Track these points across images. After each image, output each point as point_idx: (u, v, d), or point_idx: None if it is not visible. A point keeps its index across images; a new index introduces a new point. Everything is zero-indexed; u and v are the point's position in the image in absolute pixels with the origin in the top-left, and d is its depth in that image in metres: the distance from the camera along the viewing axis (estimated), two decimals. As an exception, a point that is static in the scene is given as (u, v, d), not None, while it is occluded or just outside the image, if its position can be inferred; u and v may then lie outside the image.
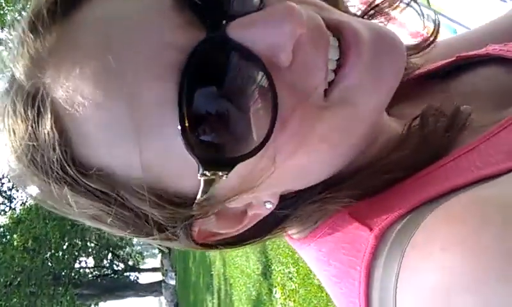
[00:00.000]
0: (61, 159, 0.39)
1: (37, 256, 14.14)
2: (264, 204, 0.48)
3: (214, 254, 9.63)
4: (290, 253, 4.88)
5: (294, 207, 0.50)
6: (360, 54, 0.41)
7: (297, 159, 0.43)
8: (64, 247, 15.70)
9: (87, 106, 0.37)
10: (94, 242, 17.36)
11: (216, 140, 0.39)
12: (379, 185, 0.47)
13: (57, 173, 0.40)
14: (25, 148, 0.40)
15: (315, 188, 0.48)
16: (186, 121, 0.37)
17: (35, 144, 0.39)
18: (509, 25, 0.72)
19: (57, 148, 0.39)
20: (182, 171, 0.40)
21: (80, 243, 16.51)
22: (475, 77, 0.60)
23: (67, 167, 0.39)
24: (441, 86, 0.61)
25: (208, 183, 0.41)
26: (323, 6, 0.45)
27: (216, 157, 0.39)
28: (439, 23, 0.58)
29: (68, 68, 0.38)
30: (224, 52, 0.38)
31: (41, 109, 0.39)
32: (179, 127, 0.37)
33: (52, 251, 15.02)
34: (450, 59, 0.62)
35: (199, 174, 0.39)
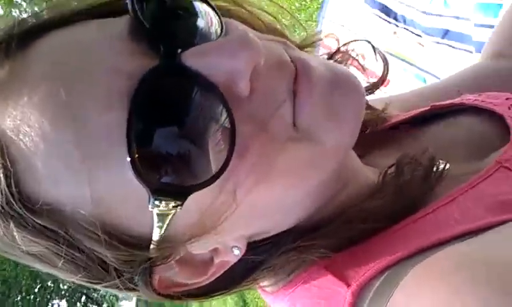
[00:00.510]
0: (6, 192, 0.37)
1: (7, 299, 13.70)
2: (231, 249, 0.45)
3: (190, 297, 9.46)
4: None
5: (265, 255, 0.47)
6: (312, 87, 0.40)
7: (259, 195, 0.40)
8: (36, 290, 15.26)
9: (33, 136, 0.36)
10: (67, 284, 16.90)
11: (168, 168, 0.37)
12: (355, 236, 0.45)
13: (2, 207, 0.37)
14: None
15: (286, 235, 0.46)
16: (135, 150, 0.35)
17: None
18: (478, 74, 0.74)
19: (1, 179, 0.37)
20: (134, 204, 0.37)
21: (52, 285, 16.08)
22: (450, 126, 0.59)
23: (12, 201, 0.37)
24: (415, 134, 0.60)
25: (162, 216, 0.38)
26: (288, 44, 0.44)
27: (168, 184, 0.37)
28: (387, 61, 0.57)
29: (16, 98, 0.37)
30: (177, 79, 0.36)
31: None
32: (128, 157, 0.34)
33: (23, 294, 14.57)
34: (424, 108, 0.61)
35: (150, 205, 0.36)
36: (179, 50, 0.37)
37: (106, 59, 0.36)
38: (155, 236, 0.39)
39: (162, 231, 0.39)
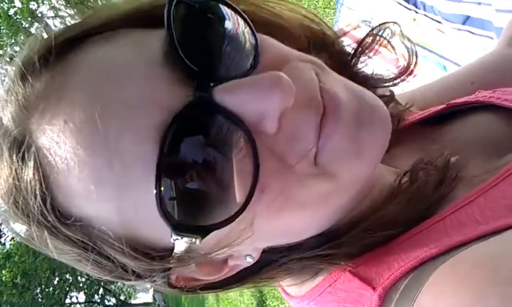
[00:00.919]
0: (41, 206, 0.39)
1: (26, 291, 13.89)
2: (245, 257, 0.47)
3: (207, 289, 9.48)
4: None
5: (280, 259, 0.48)
6: (337, 124, 0.40)
7: (276, 223, 0.42)
8: (55, 282, 15.46)
9: (68, 159, 0.37)
10: (85, 276, 17.07)
11: (191, 207, 0.38)
12: (375, 242, 0.46)
13: (38, 219, 0.40)
14: (9, 191, 0.40)
15: (303, 244, 0.47)
16: (162, 186, 0.36)
17: (18, 188, 0.40)
18: (496, 63, 0.73)
19: (38, 195, 0.39)
20: (158, 230, 0.39)
21: (71, 278, 16.27)
22: (466, 125, 0.59)
23: (46, 214, 0.39)
24: (432, 133, 0.60)
25: (182, 245, 0.40)
26: (319, 64, 0.44)
27: (189, 224, 0.38)
28: (415, 53, 0.57)
29: (53, 118, 0.38)
30: (208, 115, 0.37)
31: (25, 156, 0.39)
32: (154, 191, 0.36)
33: (42, 287, 14.77)
34: (441, 107, 0.61)
35: (172, 239, 0.39)
36: (212, 84, 0.37)
37: (142, 88, 0.37)
38: (176, 253, 0.41)
39: (182, 252, 0.41)
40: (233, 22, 0.41)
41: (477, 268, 0.33)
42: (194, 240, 0.39)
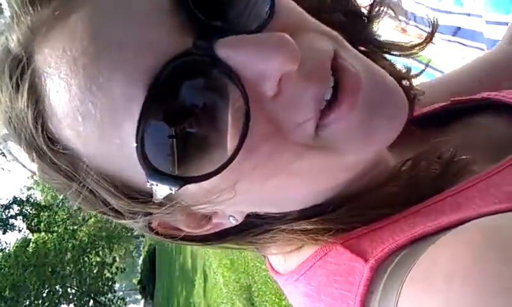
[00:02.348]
0: (31, 128, 0.40)
1: (15, 305, 13.75)
2: (228, 217, 0.46)
3: (198, 301, 9.47)
4: (277, 300, 4.78)
5: (264, 225, 0.48)
6: (354, 104, 0.39)
7: (262, 189, 0.41)
8: (44, 294, 15.31)
9: (61, 86, 0.38)
10: (75, 288, 16.95)
11: (170, 156, 0.37)
12: (367, 219, 0.44)
13: (27, 139, 0.41)
14: (5, 109, 0.41)
15: (287, 214, 0.46)
16: (144, 129, 0.36)
17: (13, 107, 0.41)
18: (504, 61, 0.72)
19: (29, 115, 0.40)
20: (138, 173, 0.38)
21: (60, 290, 16.12)
22: (471, 126, 0.58)
23: (35, 136, 0.41)
24: (436, 132, 0.59)
25: (160, 191, 0.40)
26: (339, 40, 0.42)
27: (166, 172, 0.38)
28: (436, 23, 0.57)
29: (54, 43, 0.38)
30: (205, 67, 0.36)
31: (23, 76, 0.40)
32: (135, 133, 0.36)
33: (32, 299, 14.62)
34: (444, 103, 0.61)
35: (148, 184, 0.39)
36: (215, 35, 0.36)
37: (142, 31, 0.37)
38: (156, 199, 0.41)
39: (162, 198, 0.41)
40: None
41: (485, 241, 0.32)
42: (170, 189, 0.38)
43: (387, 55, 0.55)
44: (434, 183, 0.45)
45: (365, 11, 0.54)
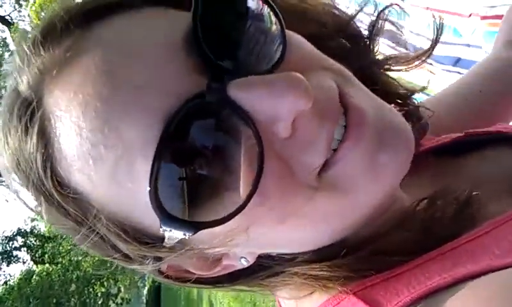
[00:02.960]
0: (40, 171, 0.40)
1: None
2: (240, 259, 0.45)
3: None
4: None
5: (273, 269, 0.47)
6: (359, 140, 0.39)
7: (275, 231, 0.40)
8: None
9: (71, 130, 0.38)
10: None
11: (185, 201, 0.37)
12: (380, 266, 0.43)
13: (36, 183, 0.41)
14: (14, 151, 0.41)
15: (300, 256, 0.45)
16: (158, 174, 0.36)
17: (22, 149, 0.41)
18: (501, 70, 0.72)
19: (38, 159, 0.40)
20: (150, 217, 0.38)
21: (59, 318, 15.87)
22: (486, 159, 0.57)
23: (44, 180, 0.40)
24: (449, 164, 0.58)
25: (172, 237, 0.40)
26: (345, 75, 0.42)
27: (181, 218, 0.37)
28: (441, 27, 0.57)
29: (65, 85, 0.38)
30: (218, 109, 0.36)
31: (33, 118, 0.40)
32: (148, 178, 0.36)
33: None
34: (457, 135, 0.60)
35: (161, 230, 0.38)
36: (228, 77, 0.36)
37: (154, 71, 0.37)
38: (167, 243, 0.41)
39: (173, 243, 0.41)
40: (263, 15, 0.40)
41: (500, 293, 0.32)
42: (183, 234, 0.37)
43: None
44: (449, 226, 0.44)
45: (364, 32, 0.55)
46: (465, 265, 0.39)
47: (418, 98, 1.50)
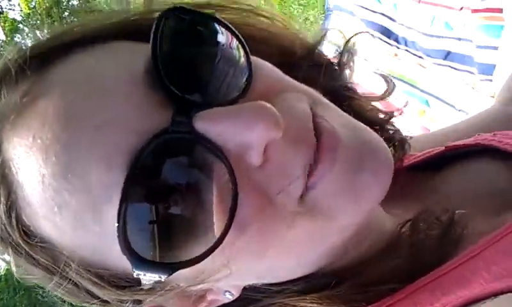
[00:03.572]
0: (5, 221, 0.38)
1: (5, 329, 13.52)
2: (224, 293, 0.44)
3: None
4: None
5: (260, 302, 0.46)
6: (334, 161, 0.37)
7: (258, 261, 0.38)
8: (35, 318, 15.05)
9: (33, 176, 0.36)
10: (66, 312, 16.71)
11: (156, 242, 0.35)
12: (370, 296, 0.42)
13: (1, 235, 0.39)
14: None
15: (287, 287, 0.44)
16: (125, 218, 0.34)
17: None
18: (501, 121, 0.70)
19: (1, 209, 0.38)
20: (123, 261, 0.36)
21: (51, 314, 15.87)
22: (467, 173, 0.56)
23: (10, 231, 0.39)
24: (430, 179, 0.57)
25: (147, 280, 0.37)
26: (315, 97, 0.41)
27: (153, 260, 0.35)
28: (393, 84, 0.56)
29: (23, 131, 0.37)
30: (186, 144, 0.35)
31: None
32: (116, 224, 0.34)
33: (22, 323, 14.38)
34: (438, 149, 0.59)
35: (135, 274, 0.36)
36: (193, 110, 0.35)
37: (116, 109, 0.35)
38: (145, 286, 0.39)
39: (150, 285, 0.39)
40: (227, 43, 0.39)
41: None
42: (159, 277, 0.36)
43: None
44: (435, 250, 0.43)
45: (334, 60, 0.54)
46: (456, 292, 0.38)
47: (408, 91, 1.51)
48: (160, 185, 0.35)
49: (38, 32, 0.42)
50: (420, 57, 1.46)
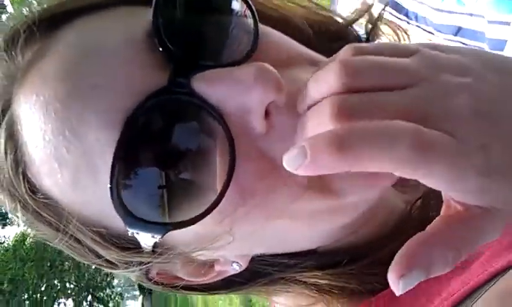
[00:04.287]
0: (12, 177, 0.39)
1: (13, 298, 13.77)
2: (231, 263, 0.43)
3: (196, 297, 9.47)
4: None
5: (270, 276, 0.45)
6: None
7: (263, 231, 0.38)
8: (42, 288, 15.31)
9: (36, 133, 0.37)
10: (73, 283, 16.97)
11: (150, 201, 0.35)
12: (382, 278, 0.41)
13: (10, 190, 0.40)
14: None
15: (299, 262, 0.43)
16: (119, 175, 0.34)
17: None
18: None
19: (9, 164, 0.39)
20: (118, 218, 0.36)
21: (59, 284, 16.13)
22: None
23: (17, 186, 0.39)
24: None
25: (147, 240, 0.38)
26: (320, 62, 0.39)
27: (145, 220, 0.35)
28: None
29: (29, 89, 0.37)
30: (182, 105, 0.34)
31: (2, 123, 0.39)
32: (109, 184, 0.34)
33: (30, 293, 14.63)
34: None
35: (129, 233, 0.36)
36: (191, 71, 0.34)
37: (115, 70, 0.35)
38: (145, 248, 0.39)
39: (151, 247, 0.38)
40: (231, 6, 0.38)
41: None
42: (152, 236, 0.36)
43: None
44: None
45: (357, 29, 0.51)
46: (465, 281, 0.38)
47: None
48: (154, 144, 0.35)
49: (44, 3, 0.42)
50: (430, 32, 1.45)
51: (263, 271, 0.45)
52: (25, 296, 14.59)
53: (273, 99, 0.34)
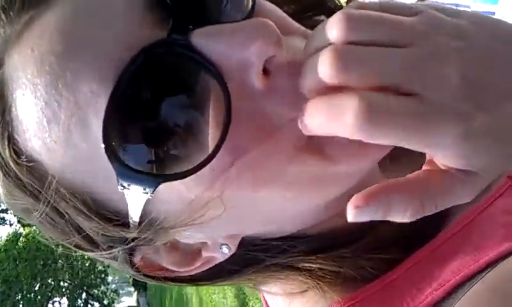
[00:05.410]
0: None
1: (7, 298, 13.71)
2: (220, 247, 0.42)
3: (190, 292, 9.49)
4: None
5: (263, 262, 0.44)
6: None
7: (253, 201, 0.37)
8: (36, 288, 15.25)
9: (27, 87, 0.36)
10: (67, 281, 16.92)
11: (143, 153, 0.35)
12: (377, 264, 0.42)
13: None
14: None
15: (294, 247, 0.43)
16: (112, 128, 0.34)
17: None
18: None
19: None
20: (110, 183, 0.35)
21: (53, 283, 16.07)
22: None
23: (1, 151, 0.38)
24: None
25: (134, 199, 0.37)
26: None
27: (137, 170, 0.34)
28: None
29: (22, 49, 0.37)
30: (180, 59, 0.34)
31: None
32: (101, 133, 0.33)
33: (24, 293, 14.58)
34: None
35: (119, 187, 0.35)
36: (190, 27, 0.34)
37: (112, 26, 0.35)
38: (133, 217, 0.38)
39: (139, 214, 0.38)
40: None
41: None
42: (144, 189, 0.35)
43: None
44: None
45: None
46: (454, 270, 0.39)
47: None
48: (149, 97, 0.35)
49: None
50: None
51: (255, 257, 0.45)
52: (19, 296, 14.53)
53: (273, 53, 0.34)
